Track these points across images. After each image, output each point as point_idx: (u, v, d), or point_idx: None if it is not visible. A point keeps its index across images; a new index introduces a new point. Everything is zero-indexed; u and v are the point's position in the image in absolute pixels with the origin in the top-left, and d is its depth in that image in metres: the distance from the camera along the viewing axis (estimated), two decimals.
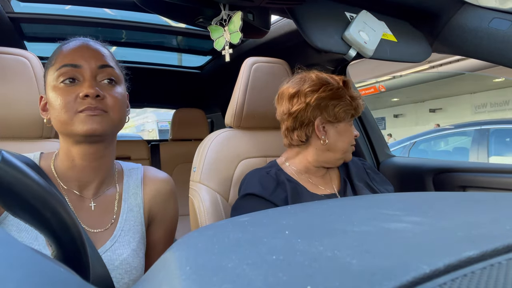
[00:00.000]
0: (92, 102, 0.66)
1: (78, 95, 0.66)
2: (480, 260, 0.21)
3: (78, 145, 0.68)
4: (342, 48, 0.95)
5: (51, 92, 0.67)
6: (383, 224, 0.30)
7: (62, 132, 0.69)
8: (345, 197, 0.86)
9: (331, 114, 0.94)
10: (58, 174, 0.71)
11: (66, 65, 0.67)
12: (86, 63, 0.68)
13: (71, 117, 0.65)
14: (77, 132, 0.65)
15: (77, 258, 0.36)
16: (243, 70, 1.15)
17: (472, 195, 0.44)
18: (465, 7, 1.01)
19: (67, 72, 0.67)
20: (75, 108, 0.65)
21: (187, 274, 0.23)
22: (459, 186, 1.23)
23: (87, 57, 0.68)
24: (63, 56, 0.68)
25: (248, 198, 0.90)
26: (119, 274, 0.68)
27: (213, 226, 0.35)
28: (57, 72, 0.67)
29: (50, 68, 0.69)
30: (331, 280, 0.19)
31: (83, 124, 0.65)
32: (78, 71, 0.67)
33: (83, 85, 0.66)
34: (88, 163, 0.70)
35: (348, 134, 0.97)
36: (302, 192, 0.93)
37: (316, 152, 0.97)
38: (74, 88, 0.67)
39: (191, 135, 2.48)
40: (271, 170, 0.96)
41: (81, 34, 0.77)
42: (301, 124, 0.96)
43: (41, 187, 0.32)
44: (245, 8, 0.95)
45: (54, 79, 0.67)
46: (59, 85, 0.67)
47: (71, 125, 0.65)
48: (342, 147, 0.96)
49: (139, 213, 0.76)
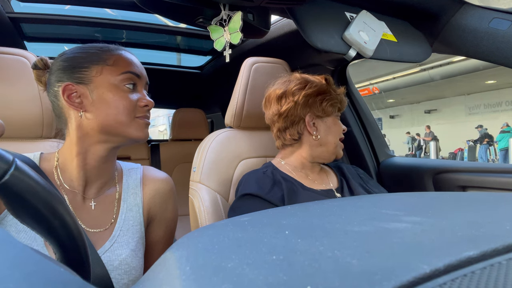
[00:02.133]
0: (148, 112, 0.74)
1: (138, 102, 0.72)
2: (480, 260, 0.21)
3: (102, 145, 0.71)
4: (342, 48, 0.95)
5: (110, 91, 0.69)
6: (383, 224, 0.30)
7: (107, 131, 0.70)
8: (345, 197, 0.86)
9: (320, 109, 0.98)
10: (60, 174, 0.71)
11: (132, 72, 0.72)
12: (142, 75, 0.75)
13: (130, 121, 0.70)
14: (132, 136, 0.71)
15: (78, 259, 0.36)
16: (243, 70, 1.15)
17: (472, 195, 0.44)
18: (465, 7, 1.01)
19: (132, 78, 0.72)
20: (134, 113, 0.71)
21: (187, 274, 0.23)
22: (459, 186, 1.23)
23: (142, 70, 0.76)
24: (127, 62, 0.72)
25: (245, 198, 0.91)
26: (119, 274, 0.68)
27: (213, 226, 0.35)
28: (122, 75, 0.71)
29: (105, 67, 0.70)
30: (331, 280, 0.19)
31: (139, 130, 0.72)
32: (137, 81, 0.74)
33: (141, 94, 0.73)
34: (99, 164, 0.72)
35: (336, 128, 1.01)
36: (298, 189, 0.94)
37: (310, 148, 1.00)
38: (132, 95, 0.72)
39: (191, 135, 2.48)
40: (267, 170, 0.97)
41: (82, 34, 0.79)
42: (292, 123, 1.00)
43: (52, 196, 0.32)
44: (245, 8, 0.95)
45: (117, 80, 0.70)
46: (123, 87, 0.71)
47: (127, 127, 0.70)
48: (333, 141, 1.00)
49: (138, 213, 0.76)
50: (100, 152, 0.71)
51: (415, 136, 13.73)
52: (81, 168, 0.70)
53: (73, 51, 0.73)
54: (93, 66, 0.70)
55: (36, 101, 0.90)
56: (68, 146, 0.71)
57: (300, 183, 0.96)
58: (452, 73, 9.97)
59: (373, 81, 11.94)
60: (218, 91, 2.49)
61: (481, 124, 11.95)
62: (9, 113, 0.88)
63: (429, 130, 12.97)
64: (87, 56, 0.71)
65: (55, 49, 1.95)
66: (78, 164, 0.70)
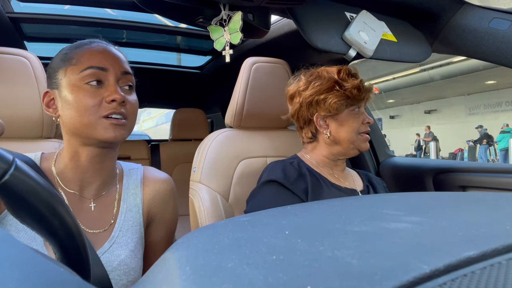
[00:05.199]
0: (117, 107, 0.66)
1: (104, 98, 0.65)
2: (480, 260, 0.21)
3: (87, 147, 0.68)
4: (342, 48, 0.95)
5: (72, 92, 0.66)
6: (383, 224, 0.30)
7: (76, 133, 0.67)
8: (345, 197, 0.86)
9: (326, 108, 0.94)
10: (59, 175, 0.71)
11: (93, 67, 0.66)
12: (112, 67, 0.68)
13: (95, 121, 0.65)
14: (99, 138, 0.65)
15: (78, 259, 0.36)
16: (243, 70, 1.15)
17: (472, 195, 0.44)
18: (465, 7, 1.01)
19: (94, 74, 0.66)
20: (99, 113, 0.65)
21: (187, 274, 0.23)
22: (459, 186, 1.23)
23: (111, 61, 0.68)
24: (89, 57, 0.67)
25: (269, 184, 0.91)
26: (118, 275, 0.67)
27: (213, 226, 0.35)
28: (82, 73, 0.66)
29: (69, 67, 0.67)
30: (331, 280, 0.19)
31: (106, 131, 0.65)
32: (103, 74, 0.67)
33: (108, 89, 0.66)
34: (93, 165, 0.70)
35: (350, 123, 0.95)
36: (323, 185, 0.93)
37: (326, 147, 0.99)
38: (99, 91, 0.66)
39: (191, 135, 2.48)
40: (294, 162, 0.97)
41: (81, 34, 0.78)
42: (304, 123, 1.00)
43: (52, 196, 0.32)
44: (245, 8, 0.95)
45: (78, 80, 0.66)
46: (84, 86, 0.65)
47: (93, 129, 0.65)
48: (346, 137, 0.95)
49: (138, 213, 0.76)
50: (89, 153, 0.69)
51: (415, 136, 13.74)
52: (76, 170, 0.70)
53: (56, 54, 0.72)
54: (60, 69, 0.68)
55: (36, 101, 0.90)
56: (63, 148, 0.72)
57: (325, 179, 0.96)
58: (452, 73, 9.98)
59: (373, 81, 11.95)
60: (218, 91, 2.49)
61: (481, 124, 11.95)
62: (9, 113, 0.88)
63: (429, 130, 12.98)
64: (59, 59, 0.70)
65: (55, 49, 1.93)
66: (73, 166, 0.70)
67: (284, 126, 1.26)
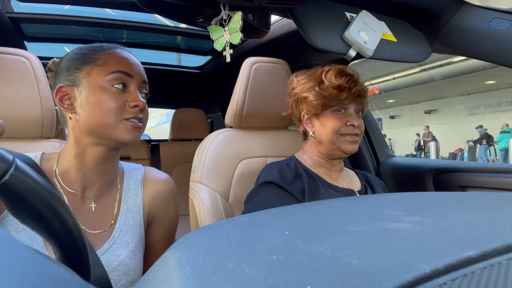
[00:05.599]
0: (138, 112, 0.69)
1: (128, 103, 0.68)
2: (480, 260, 0.21)
3: (97, 147, 0.69)
4: (342, 48, 0.95)
5: (96, 93, 0.67)
6: (383, 224, 0.30)
7: (94, 133, 0.68)
8: (345, 197, 0.86)
9: (307, 107, 0.96)
10: (61, 175, 0.71)
11: (121, 71, 0.69)
12: (136, 74, 0.71)
13: (116, 123, 0.67)
14: (118, 138, 0.67)
15: (78, 259, 0.36)
16: (243, 70, 1.15)
17: (472, 195, 0.44)
18: (465, 7, 1.01)
19: (121, 78, 0.69)
20: (122, 115, 0.67)
21: (187, 274, 0.23)
22: (459, 186, 1.23)
23: (136, 69, 0.72)
24: (117, 62, 0.70)
25: (266, 186, 0.91)
26: (117, 275, 0.67)
27: (213, 226, 0.35)
28: (110, 75, 0.68)
29: (94, 67, 0.69)
30: (331, 280, 0.19)
31: (127, 133, 0.68)
32: (129, 80, 0.70)
33: (131, 95, 0.69)
34: (97, 166, 0.71)
35: (329, 124, 0.94)
36: (320, 185, 0.93)
37: (315, 146, 1.00)
38: (123, 95, 0.69)
39: (191, 135, 2.48)
40: (291, 163, 0.97)
41: (81, 34, 0.78)
42: (297, 121, 1.04)
43: (52, 196, 0.32)
44: (245, 8, 0.95)
45: (104, 81, 0.68)
46: (111, 88, 0.68)
47: (114, 130, 0.67)
48: (326, 138, 0.95)
49: (139, 214, 0.76)
50: (97, 154, 0.70)
51: (415, 136, 13.74)
52: (80, 170, 0.70)
53: (71, 52, 0.73)
54: (83, 67, 0.70)
55: (36, 101, 0.90)
56: (68, 147, 0.72)
57: (322, 179, 0.96)
58: (452, 73, 9.98)
59: (373, 81, 11.95)
60: (218, 91, 2.49)
61: (481, 124, 11.95)
62: (9, 113, 0.88)
63: (428, 130, 12.98)
64: (80, 57, 0.71)
65: (55, 49, 1.95)
66: (77, 166, 0.70)
67: (284, 126, 1.26)
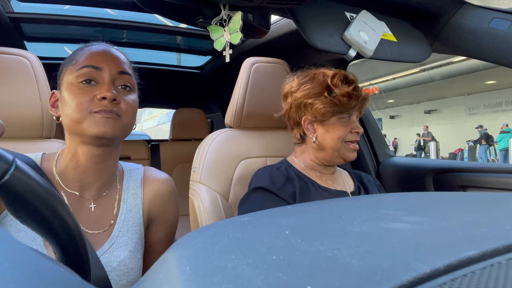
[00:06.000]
0: (108, 105, 0.66)
1: (95, 96, 0.66)
2: (480, 260, 0.21)
3: (85, 145, 0.69)
4: (342, 48, 0.95)
5: (67, 91, 0.68)
6: (383, 224, 0.30)
7: (71, 131, 0.68)
8: (345, 197, 0.86)
9: (313, 113, 0.93)
10: (60, 175, 0.71)
11: (87, 66, 0.68)
12: (107, 66, 0.69)
13: (84, 117, 0.66)
14: (88, 132, 0.66)
15: (78, 259, 0.36)
16: (243, 70, 1.15)
17: (472, 195, 0.44)
18: (465, 7, 1.01)
19: (87, 73, 0.68)
20: (89, 109, 0.66)
21: (187, 274, 0.23)
22: (459, 186, 1.23)
23: (108, 61, 0.70)
24: (86, 57, 0.69)
25: (257, 191, 0.91)
26: (117, 276, 0.67)
27: (213, 226, 0.35)
28: (77, 72, 0.68)
29: (68, 67, 0.70)
30: (331, 280, 0.19)
31: (95, 125, 0.65)
32: (98, 74, 0.68)
33: (101, 88, 0.67)
34: (92, 165, 0.70)
35: (336, 131, 0.93)
36: (311, 188, 0.93)
37: (313, 151, 0.98)
38: (91, 89, 0.68)
39: (191, 135, 2.48)
40: (282, 167, 0.97)
41: (81, 34, 0.78)
42: (294, 124, 1.00)
43: (52, 196, 0.32)
44: (245, 8, 0.95)
45: (73, 78, 0.68)
46: (77, 85, 0.67)
47: (83, 124, 0.66)
48: (331, 145, 0.93)
49: (138, 214, 0.76)
50: (87, 153, 0.69)
51: (416, 136, 13.74)
52: (76, 170, 0.70)
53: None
54: (63, 69, 0.71)
55: (36, 101, 0.90)
56: (65, 148, 0.73)
57: (314, 182, 0.95)
58: (452, 73, 9.98)
59: (373, 81, 11.96)
60: (218, 91, 2.49)
61: (481, 124, 11.96)
62: (9, 113, 0.88)
63: (427, 130, 12.99)
64: (65, 60, 0.73)
65: (55, 49, 1.95)
66: (73, 166, 0.70)
67: (284, 126, 1.26)
